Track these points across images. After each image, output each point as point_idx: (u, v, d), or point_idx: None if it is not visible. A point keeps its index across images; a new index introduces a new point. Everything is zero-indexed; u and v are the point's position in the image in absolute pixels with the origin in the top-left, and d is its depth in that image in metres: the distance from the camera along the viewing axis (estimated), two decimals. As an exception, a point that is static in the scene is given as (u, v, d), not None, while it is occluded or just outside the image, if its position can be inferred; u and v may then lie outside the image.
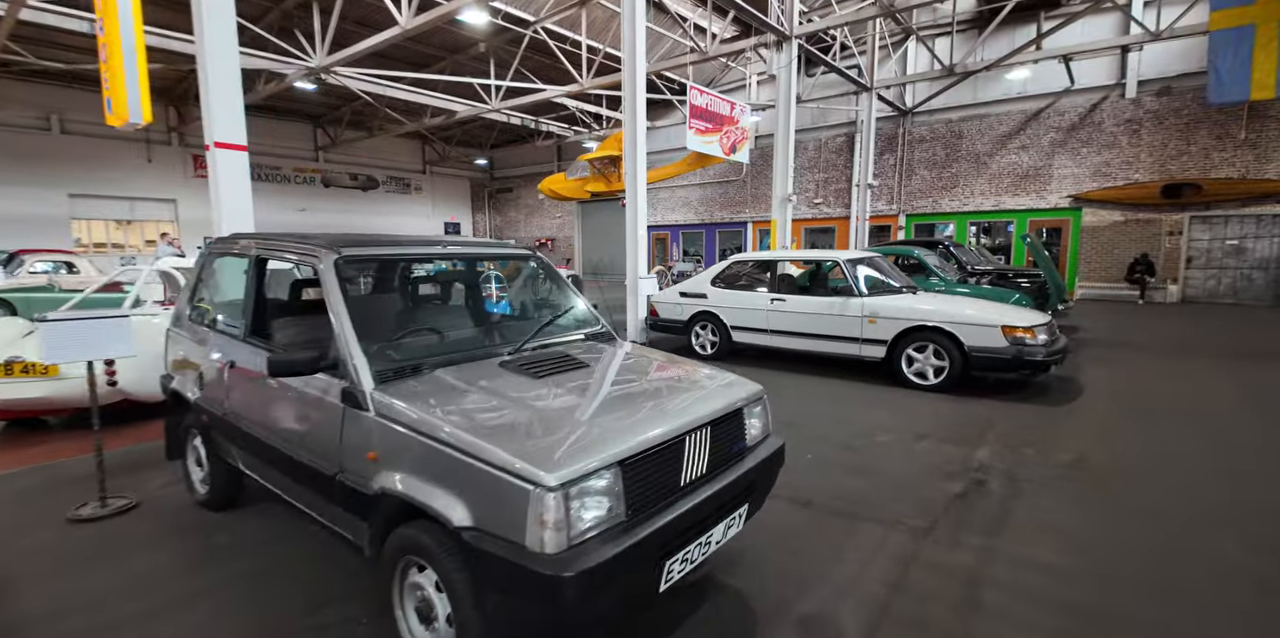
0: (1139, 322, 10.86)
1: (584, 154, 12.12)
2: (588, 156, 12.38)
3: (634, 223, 8.04)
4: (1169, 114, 14.16)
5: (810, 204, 20.43)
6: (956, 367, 5.42)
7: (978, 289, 7.87)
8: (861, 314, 5.91)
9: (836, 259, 6.26)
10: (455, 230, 29.60)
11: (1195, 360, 7.20)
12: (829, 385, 5.91)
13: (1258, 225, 13.50)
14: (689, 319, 7.27)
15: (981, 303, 5.87)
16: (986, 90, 16.77)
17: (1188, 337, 9.05)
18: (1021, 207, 16.34)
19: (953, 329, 5.42)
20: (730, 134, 9.97)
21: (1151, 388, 5.84)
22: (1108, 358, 7.40)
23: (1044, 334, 5.30)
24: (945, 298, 6.04)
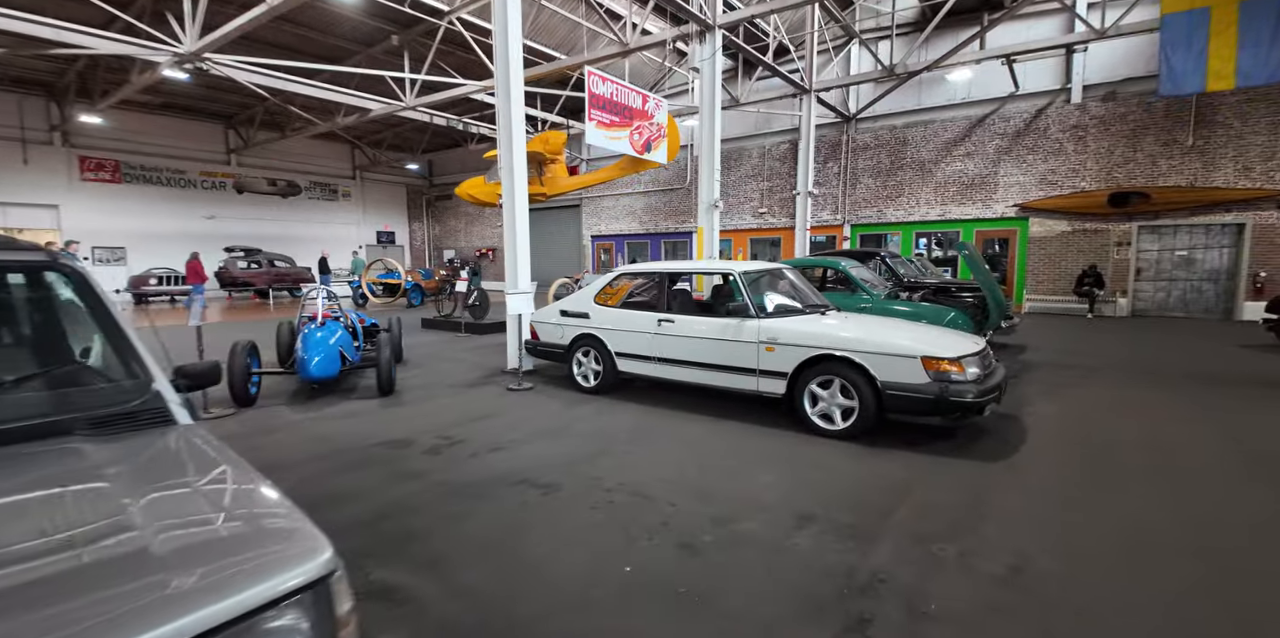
0: (1089, 338, 10.01)
1: (491, 152, 10.82)
2: (489, 155, 11.06)
3: (512, 228, 6.74)
4: (1115, 120, 13.58)
5: (755, 214, 19.50)
6: (869, 408, 4.24)
7: (915, 306, 6.78)
8: (758, 339, 4.71)
9: (730, 271, 5.05)
10: (389, 240, 27.89)
11: (1154, 388, 6.22)
12: (719, 431, 4.67)
13: (1207, 235, 12.93)
14: (570, 344, 5.99)
15: (906, 327, 4.72)
16: (931, 95, 16.10)
17: (1142, 357, 8.14)
18: (968, 216, 15.61)
19: (862, 360, 4.25)
20: (643, 130, 8.79)
21: (1109, 429, 4.76)
22: (1057, 385, 6.36)
23: (975, 367, 4.16)
24: (864, 320, 4.88)
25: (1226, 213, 12.56)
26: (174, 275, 18.67)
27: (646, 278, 5.74)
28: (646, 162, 14.70)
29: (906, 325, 4.81)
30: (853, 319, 4.86)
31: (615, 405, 5.38)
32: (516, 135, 6.60)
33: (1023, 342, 9.62)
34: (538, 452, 4.05)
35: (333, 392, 5.93)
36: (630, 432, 4.56)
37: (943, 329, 4.90)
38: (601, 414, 5.09)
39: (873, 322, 4.83)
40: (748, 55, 13.31)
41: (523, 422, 4.85)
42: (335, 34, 15.24)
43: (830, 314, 5.07)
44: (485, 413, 5.13)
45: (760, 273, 5.25)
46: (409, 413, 5.16)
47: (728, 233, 20.29)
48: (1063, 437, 4.51)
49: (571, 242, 24.46)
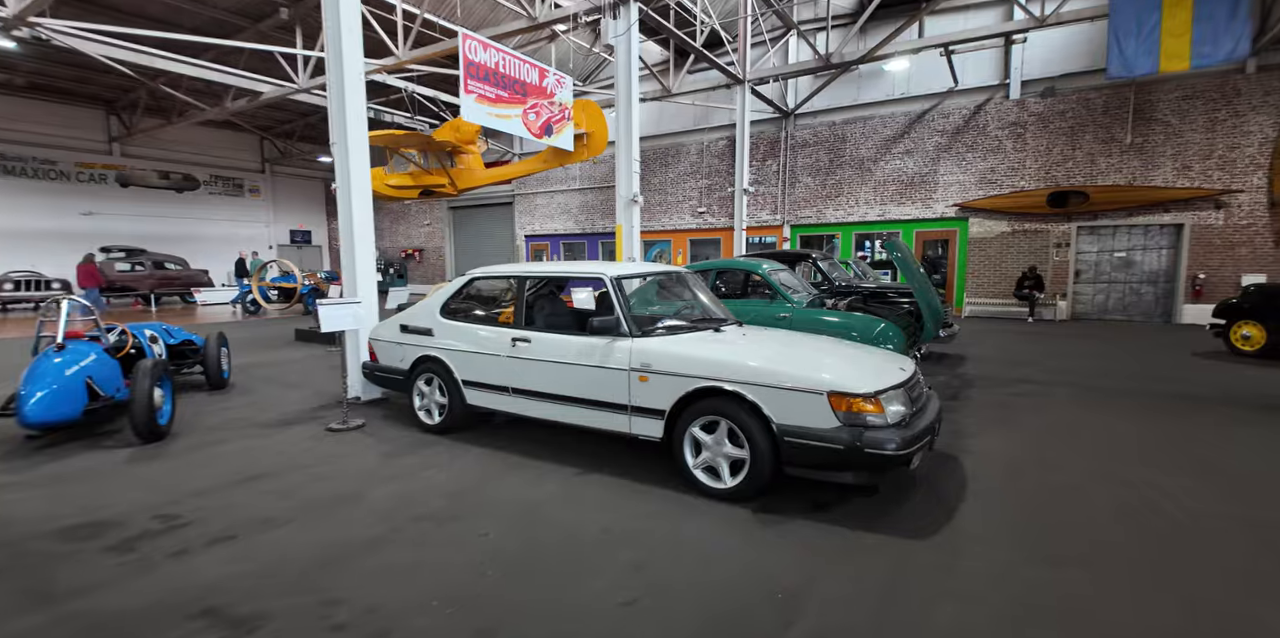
0: (1033, 346, 9.30)
1: (378, 133, 9.31)
2: (378, 137, 9.54)
3: (349, 226, 5.40)
4: (1054, 116, 13.10)
5: (694, 213, 18.50)
6: (763, 461, 3.12)
7: (842, 316, 5.75)
8: (629, 366, 3.54)
9: (601, 275, 3.87)
10: (305, 240, 25.79)
11: (1116, 410, 5.35)
12: (576, 492, 3.48)
13: (1145, 236, 12.54)
14: (410, 368, 4.69)
15: (819, 348, 3.63)
16: (870, 90, 15.41)
17: (1093, 369, 7.37)
18: (907, 216, 14.96)
19: (754, 397, 3.13)
20: (541, 109, 7.56)
21: (1073, 477, 3.78)
22: (1003, 409, 5.43)
23: (900, 404, 3.09)
24: (768, 339, 3.76)
25: (1165, 213, 12.18)
26: (37, 279, 16.42)
27: (505, 285, 4.49)
28: (571, 153, 13.49)
29: (821, 346, 3.72)
30: (754, 338, 3.74)
31: (456, 452, 4.12)
32: (350, 91, 5.26)
33: (962, 350, 8.81)
34: (283, 542, 2.77)
35: (80, 438, 4.47)
36: (450, 498, 3.32)
37: (866, 350, 3.84)
38: (428, 468, 3.82)
39: (778, 341, 3.72)
40: (679, 42, 12.28)
41: (308, 484, 3.55)
42: (215, 5, 13.47)
43: (728, 330, 3.95)
44: (267, 469, 3.80)
45: (642, 278, 4.08)
46: (160, 470, 3.78)
47: (666, 233, 19.28)
48: (1015, 493, 3.49)
49: (504, 242, 23.00)
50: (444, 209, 24.01)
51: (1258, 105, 11.43)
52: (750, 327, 4.21)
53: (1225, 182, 11.68)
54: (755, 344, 3.56)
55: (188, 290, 18.72)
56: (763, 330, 4.07)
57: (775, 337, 3.85)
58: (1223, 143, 11.70)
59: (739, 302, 6.32)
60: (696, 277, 4.70)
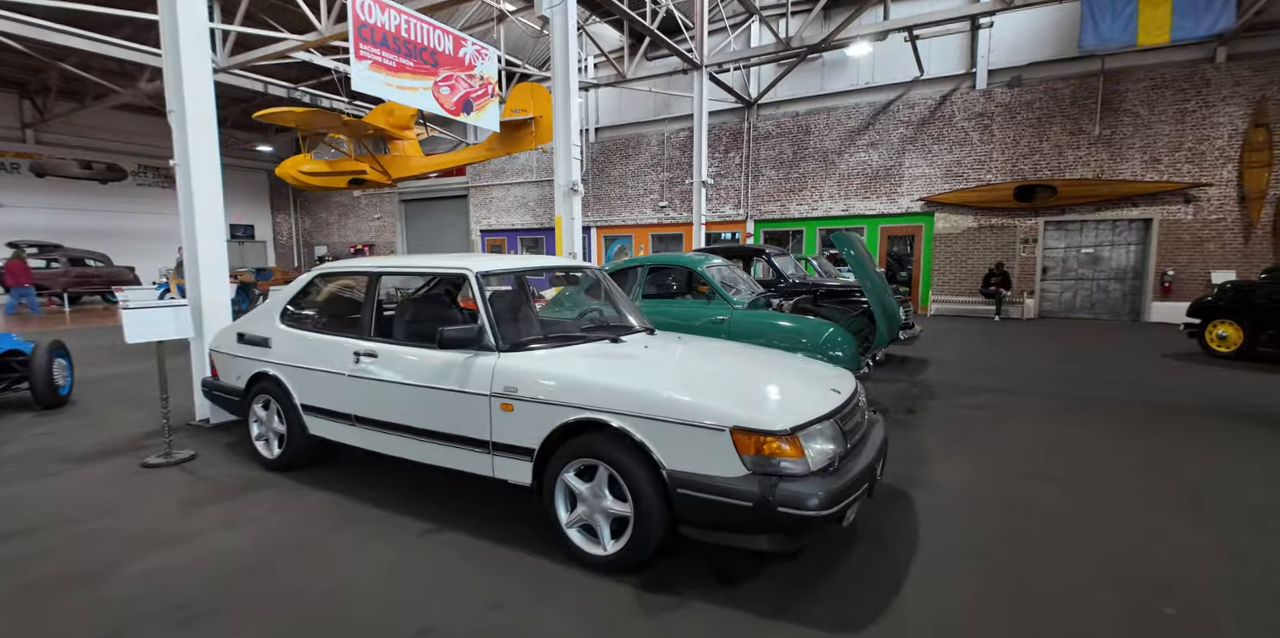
0: (999, 347, 8.71)
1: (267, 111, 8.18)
2: (270, 115, 8.40)
3: (190, 211, 4.44)
4: (1020, 107, 12.59)
5: (656, 208, 17.70)
6: (650, 519, 2.33)
7: (788, 319, 4.99)
8: (490, 389, 2.70)
9: (465, 271, 3.03)
10: (246, 235, 24.36)
11: (1090, 424, 4.69)
12: (419, 558, 2.64)
13: (1113, 231, 12.10)
14: (246, 387, 3.79)
15: (732, 362, 2.86)
16: (834, 79, 14.77)
17: (1062, 373, 6.76)
18: (872, 211, 14.38)
19: (639, 433, 2.32)
20: (456, 83, 6.66)
21: (1041, 514, 3.07)
22: (965, 424, 4.73)
23: (827, 441, 2.33)
24: (673, 351, 2.98)
25: (1133, 208, 11.75)
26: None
27: (354, 282, 3.61)
28: (521, 142, 12.58)
29: (739, 361, 2.94)
30: (656, 352, 2.95)
31: (287, 499, 3.24)
32: (188, 44, 4.31)
33: (925, 353, 8.17)
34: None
35: None
36: (222, 580, 2.44)
37: (796, 365, 3.06)
38: (233, 524, 2.93)
39: (686, 355, 2.93)
40: (634, 24, 11.44)
41: (57, 550, 2.65)
42: (119, -25, 12.19)
43: (629, 341, 3.14)
44: (28, 524, 2.90)
45: (516, 274, 3.25)
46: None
47: (627, 229, 18.47)
48: (976, 546, 2.75)
49: (459, 237, 21.92)
50: (395, 202, 22.83)
51: (1228, 96, 11.03)
52: (662, 336, 3.41)
53: (1195, 175, 11.28)
54: (653, 361, 2.76)
55: (109, 289, 17.31)
56: (674, 341, 3.27)
57: (684, 349, 3.05)
58: (1192, 135, 11.30)
59: (675, 302, 5.54)
60: (605, 274, 3.89)
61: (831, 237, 4.85)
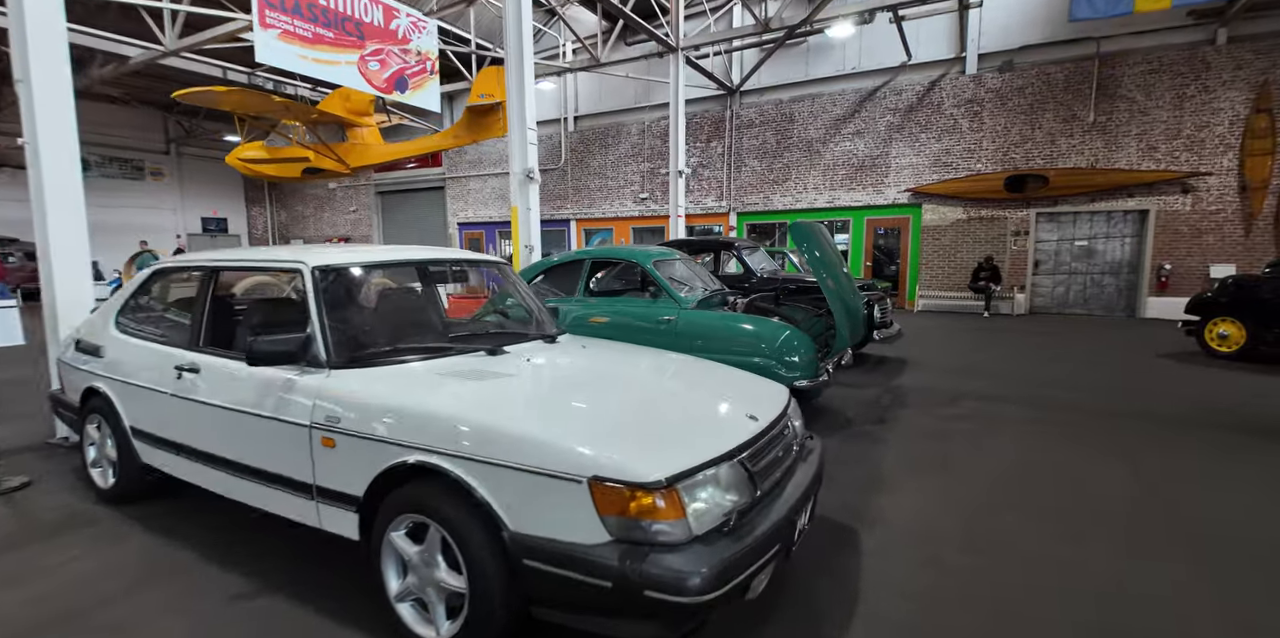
0: (986, 346, 8.17)
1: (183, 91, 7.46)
2: (192, 95, 7.66)
3: (40, 200, 3.83)
4: (1012, 93, 12.00)
5: (636, 199, 17.10)
6: (489, 598, 1.75)
7: (745, 320, 4.42)
8: (310, 417, 2.12)
9: (299, 266, 2.43)
10: (219, 228, 23.64)
11: (1069, 434, 4.15)
12: (219, 629, 2.06)
13: (1108, 223, 11.55)
14: (80, 403, 3.20)
15: (628, 379, 2.29)
16: (818, 65, 14.15)
17: (1047, 375, 6.22)
18: (858, 203, 13.80)
19: (474, 481, 1.74)
20: (388, 57, 6.04)
21: (1014, 561, 2.52)
22: (936, 439, 4.18)
23: (719, 492, 1.77)
24: (559, 367, 2.40)
25: (1129, 198, 11.19)
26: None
27: (196, 278, 2.99)
28: (488, 127, 11.94)
29: (651, 375, 2.37)
30: (544, 365, 2.37)
31: (104, 542, 2.65)
32: (33, 3, 3.69)
33: (906, 353, 7.62)
34: None
35: None
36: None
37: (719, 380, 2.49)
38: (18, 579, 2.36)
39: (585, 370, 2.36)
40: (608, 6, 10.83)
41: None
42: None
43: (515, 350, 2.55)
44: None
45: (368, 269, 2.64)
46: None
47: (607, 221, 17.87)
48: (926, 621, 2.19)
49: (436, 229, 21.25)
50: (371, 194, 22.15)
51: (1229, 80, 10.46)
52: (566, 344, 2.83)
53: (1193, 164, 10.73)
54: (524, 381, 2.18)
55: (67, 284, 16.62)
56: (574, 351, 2.69)
57: (578, 363, 2.48)
58: (1191, 121, 10.73)
59: (622, 301, 4.96)
60: (509, 270, 3.30)
61: (788, 227, 4.26)
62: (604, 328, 4.76)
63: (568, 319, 4.96)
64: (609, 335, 4.73)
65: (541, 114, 18.26)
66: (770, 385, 2.56)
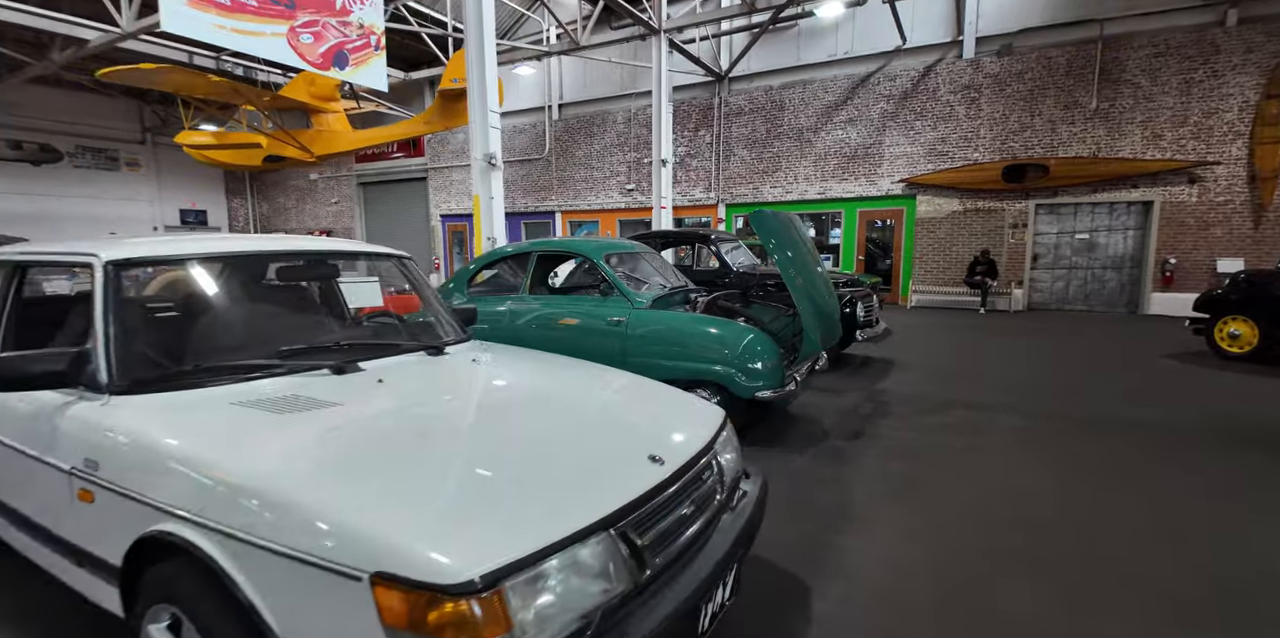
0: (980, 346, 7.67)
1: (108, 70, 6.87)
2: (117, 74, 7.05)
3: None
4: (1011, 78, 11.43)
5: (622, 190, 16.54)
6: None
7: (701, 323, 3.91)
8: (70, 460, 1.60)
9: (91, 261, 1.89)
10: (198, 220, 23.05)
11: (1068, 453, 3.65)
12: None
13: (1110, 215, 11.03)
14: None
15: (531, 405, 1.78)
16: (810, 50, 13.56)
17: (1044, 380, 5.72)
18: (850, 194, 13.25)
19: (232, 566, 1.23)
20: (325, 30, 5.49)
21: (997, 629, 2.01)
22: (916, 460, 3.68)
23: (586, 580, 1.30)
24: (458, 382, 1.93)
25: (1133, 189, 10.66)
26: None
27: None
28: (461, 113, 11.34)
29: (542, 398, 1.86)
30: (408, 389, 1.86)
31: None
32: None
33: (895, 353, 7.12)
34: None
35: None
36: None
37: (629, 406, 1.98)
38: None
39: (456, 395, 1.87)
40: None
41: None
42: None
43: (374, 368, 2.03)
44: None
45: (182, 263, 2.11)
46: None
47: (593, 213, 17.32)
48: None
49: (419, 222, 20.68)
50: (353, 185, 21.56)
51: (1238, 64, 9.91)
52: (451, 357, 2.30)
53: (1201, 152, 10.19)
54: (343, 417, 1.65)
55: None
56: (456, 367, 2.17)
57: (439, 388, 1.96)
58: (1198, 108, 10.19)
59: (569, 300, 4.44)
60: (409, 266, 2.78)
61: (750, 216, 3.74)
62: (546, 331, 4.25)
63: (507, 322, 4.44)
64: (553, 339, 4.22)
65: (525, 102, 17.69)
66: (702, 410, 2.05)
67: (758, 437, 3.97)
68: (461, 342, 2.56)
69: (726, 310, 4.29)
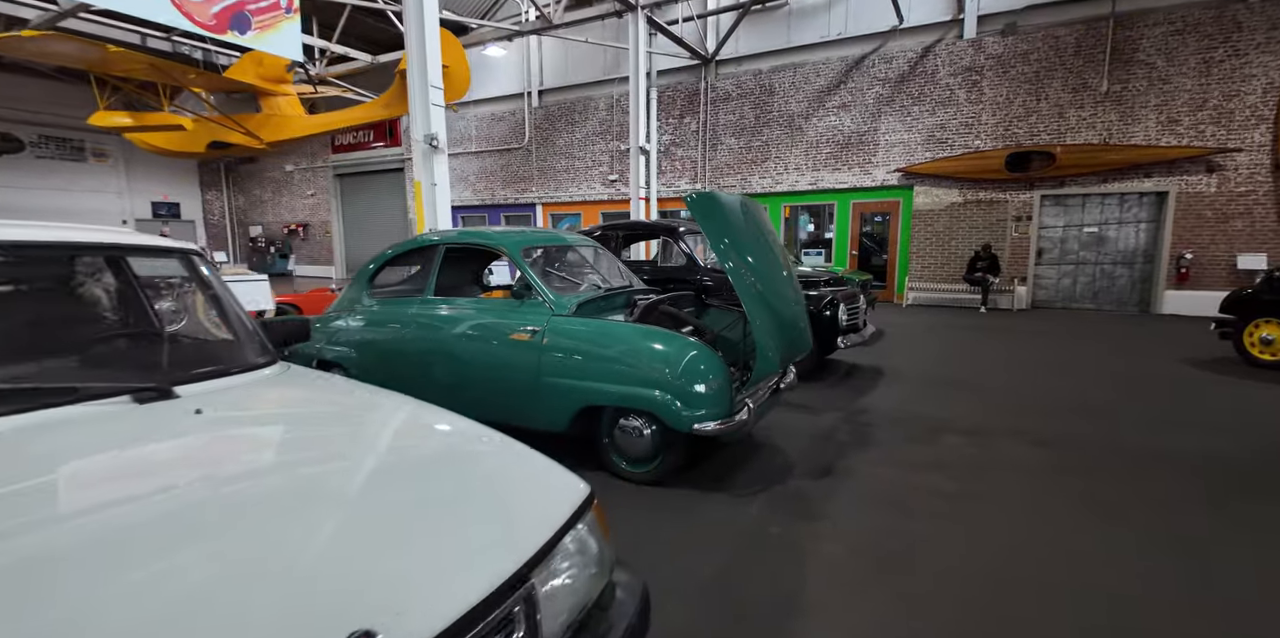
0: (980, 349, 6.91)
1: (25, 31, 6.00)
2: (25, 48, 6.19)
3: None
4: (1015, 59, 10.62)
5: (605, 181, 15.74)
6: None
7: (636, 334, 3.13)
8: None
9: None
10: (171, 214, 22.25)
11: (1085, 495, 2.91)
12: None
13: (1121, 207, 10.24)
14: None
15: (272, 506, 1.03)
16: (802, 31, 12.73)
17: (1052, 394, 4.97)
18: (843, 184, 12.46)
19: None
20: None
21: None
22: (895, 509, 2.94)
23: None
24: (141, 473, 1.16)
25: (1146, 178, 9.87)
26: None
27: None
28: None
29: (319, 494, 1.12)
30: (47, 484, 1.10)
31: None
32: None
33: (884, 359, 6.36)
34: None
35: None
36: None
37: (461, 490, 1.23)
38: None
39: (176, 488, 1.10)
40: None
41: None
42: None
43: (163, 411, 1.28)
44: None
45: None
46: None
47: (575, 205, 16.53)
48: None
49: (395, 214, 19.88)
50: (330, 177, 20.75)
51: (1262, 43, 9.10)
52: (187, 402, 1.54)
53: (1220, 138, 9.40)
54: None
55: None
56: (170, 425, 1.40)
57: (100, 473, 1.19)
58: (1218, 90, 9.38)
59: (475, 304, 3.66)
60: (198, 262, 2.02)
61: (684, 197, 2.96)
62: (444, 345, 3.50)
63: (401, 333, 3.68)
64: (451, 354, 3.47)
65: (503, 88, 16.85)
66: (538, 503, 1.29)
67: (698, 476, 3.23)
68: (252, 369, 1.80)
69: (671, 318, 3.52)
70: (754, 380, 3.04)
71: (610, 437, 3.18)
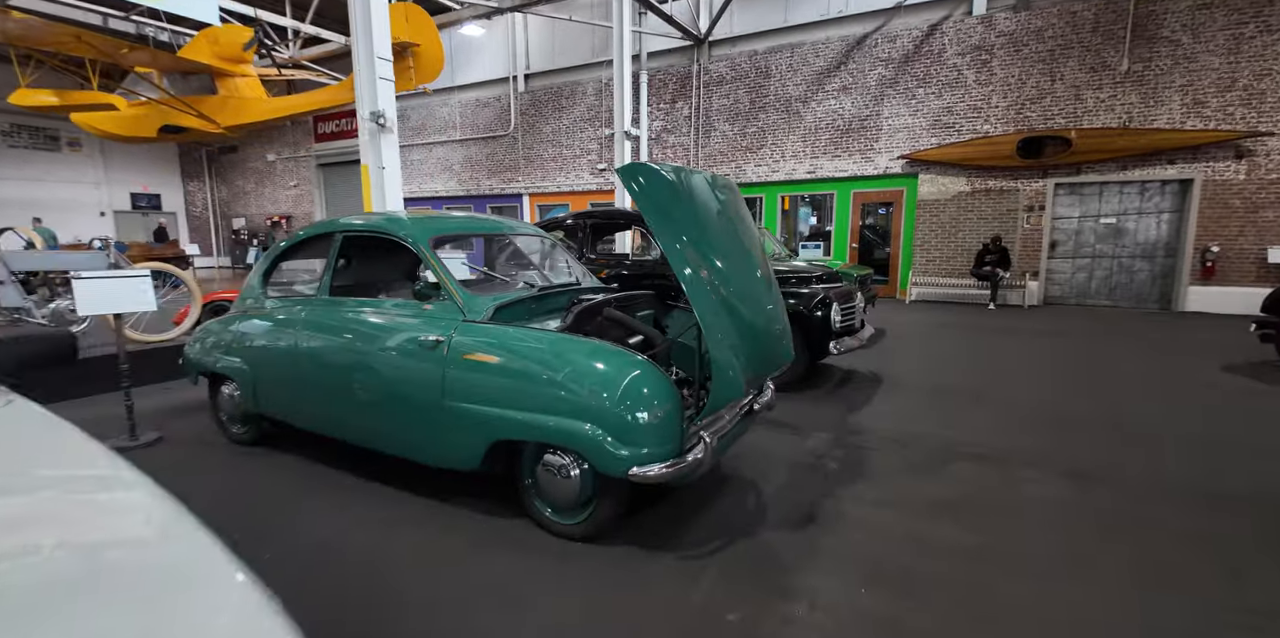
0: (989, 352, 6.23)
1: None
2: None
3: None
4: (1028, 37, 9.86)
5: (594, 171, 15.03)
6: None
7: (576, 348, 2.43)
8: None
9: None
10: (151, 205, 21.57)
11: (1166, 578, 2.25)
12: None
13: (1141, 196, 9.51)
14: None
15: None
16: (800, 9, 11.96)
17: (1075, 408, 4.30)
18: (843, 173, 11.74)
19: None
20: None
21: None
22: (895, 582, 2.28)
23: None
24: None
25: (1169, 165, 9.14)
26: None
27: None
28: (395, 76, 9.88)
29: None
30: None
31: None
32: None
33: (884, 363, 5.68)
34: None
35: None
36: None
37: None
38: None
39: None
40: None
41: None
42: None
43: None
44: None
45: None
46: None
47: (563, 196, 15.83)
48: None
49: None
50: (312, 167, 20.04)
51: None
52: None
53: (1251, 121, 8.66)
54: None
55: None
56: None
57: None
58: (1249, 69, 8.63)
59: (370, 305, 2.98)
60: None
61: (619, 172, 2.26)
62: (330, 356, 2.83)
63: (287, 342, 3.02)
64: (339, 368, 2.80)
65: (488, 72, 16.10)
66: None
67: (645, 523, 2.56)
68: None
69: (619, 324, 2.84)
70: (709, 409, 2.36)
71: (533, 476, 2.52)
